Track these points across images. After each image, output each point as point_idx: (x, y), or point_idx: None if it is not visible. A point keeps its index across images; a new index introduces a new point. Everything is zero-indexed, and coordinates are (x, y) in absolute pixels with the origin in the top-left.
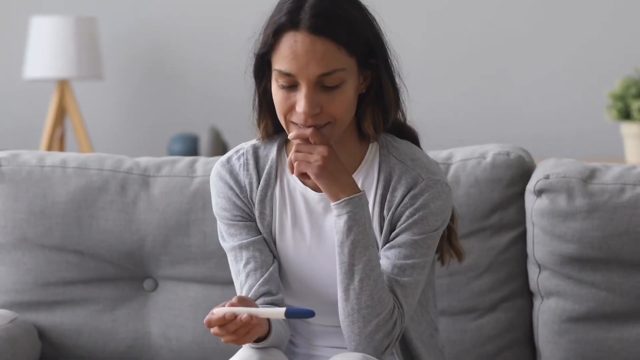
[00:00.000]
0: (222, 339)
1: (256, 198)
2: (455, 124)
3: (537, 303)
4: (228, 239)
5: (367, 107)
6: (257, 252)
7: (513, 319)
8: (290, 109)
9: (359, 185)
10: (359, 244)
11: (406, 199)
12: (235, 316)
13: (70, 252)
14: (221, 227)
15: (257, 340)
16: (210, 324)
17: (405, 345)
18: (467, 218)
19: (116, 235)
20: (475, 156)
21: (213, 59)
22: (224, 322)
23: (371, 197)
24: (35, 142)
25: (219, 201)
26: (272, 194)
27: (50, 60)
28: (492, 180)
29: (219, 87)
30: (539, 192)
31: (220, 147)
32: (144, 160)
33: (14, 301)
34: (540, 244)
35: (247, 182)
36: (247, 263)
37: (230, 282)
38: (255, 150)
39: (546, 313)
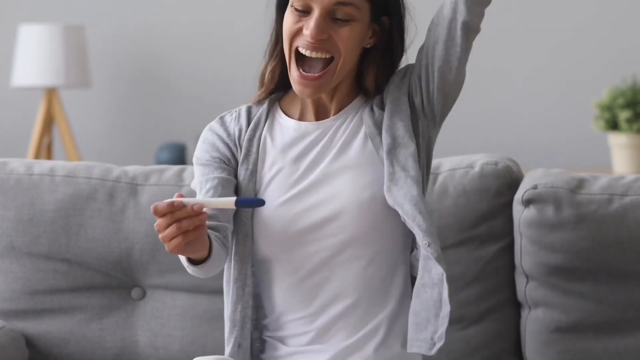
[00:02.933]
0: (166, 236)
1: (244, 138)
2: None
3: (524, 313)
4: (198, 176)
5: (371, 63)
6: (219, 186)
7: (500, 329)
8: (298, 32)
9: (344, 127)
10: None
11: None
12: (183, 205)
13: (58, 261)
14: (195, 171)
15: (197, 263)
16: (157, 210)
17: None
18: (455, 228)
19: (104, 244)
20: (463, 166)
21: (201, 68)
22: (172, 209)
23: (366, 125)
24: (23, 150)
25: (201, 146)
26: (261, 134)
27: (38, 68)
28: (480, 190)
29: (207, 96)
30: (527, 202)
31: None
32: (132, 169)
33: (2, 309)
34: (527, 254)
35: (236, 130)
36: (207, 191)
37: (218, 292)
38: (249, 108)
39: (533, 323)
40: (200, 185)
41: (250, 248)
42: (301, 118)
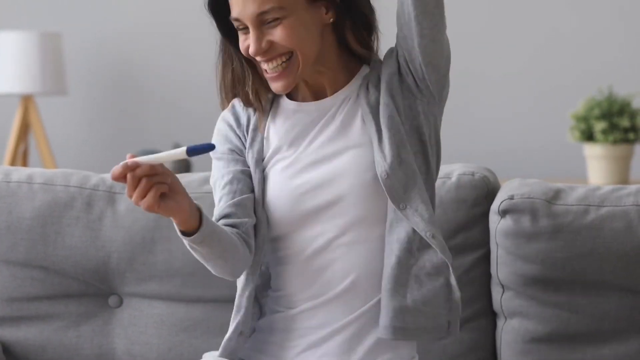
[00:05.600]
0: (137, 197)
1: (250, 127)
2: None
3: (500, 323)
4: (214, 172)
5: (346, 31)
6: (235, 180)
7: (476, 339)
8: (248, 49)
9: (343, 106)
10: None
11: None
12: (137, 165)
13: (36, 268)
14: (213, 166)
15: (189, 235)
16: (114, 174)
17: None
18: None
19: (82, 252)
20: (440, 176)
21: (177, 76)
22: (127, 170)
23: (366, 96)
24: None
25: (215, 138)
26: (266, 122)
27: (14, 75)
28: (456, 201)
29: (184, 104)
30: (503, 213)
31: (183, 163)
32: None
33: None
34: (504, 265)
35: (246, 118)
36: (223, 187)
37: (195, 300)
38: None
39: (509, 333)
40: (216, 182)
41: (264, 232)
42: (303, 100)
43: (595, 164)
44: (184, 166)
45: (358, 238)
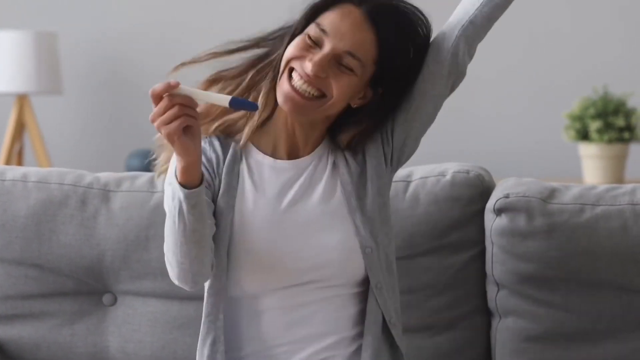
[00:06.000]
0: (164, 119)
1: (223, 170)
2: None
3: (494, 322)
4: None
5: (352, 124)
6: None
7: (471, 337)
8: (301, 58)
9: (312, 168)
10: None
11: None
12: (179, 84)
13: (30, 266)
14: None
15: (190, 187)
16: (154, 92)
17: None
18: (426, 236)
19: (76, 250)
20: (434, 174)
21: (172, 76)
22: (169, 89)
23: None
24: None
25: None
26: (239, 168)
27: (9, 74)
28: (451, 199)
29: None
30: (499, 211)
31: None
32: (105, 176)
33: None
34: (498, 263)
35: (213, 156)
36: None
37: (188, 298)
38: (218, 136)
39: (504, 332)
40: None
41: (224, 283)
42: (273, 154)
43: (591, 163)
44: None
45: (337, 295)
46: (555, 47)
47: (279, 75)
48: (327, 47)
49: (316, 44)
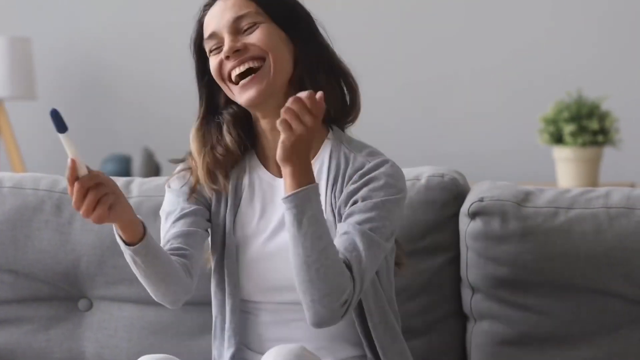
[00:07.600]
0: (88, 208)
1: (230, 184)
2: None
3: (470, 326)
4: (166, 205)
5: (313, 88)
6: (191, 214)
7: (446, 341)
8: (220, 62)
9: (315, 173)
10: (312, 235)
11: (356, 177)
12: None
13: (5, 272)
14: (166, 197)
15: (137, 241)
16: (67, 179)
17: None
18: (401, 239)
19: (51, 255)
20: (409, 178)
21: (147, 80)
22: (73, 172)
23: (323, 183)
24: None
25: (178, 174)
26: (241, 185)
27: None
28: (426, 202)
29: (153, 109)
30: (473, 215)
31: (153, 168)
32: None
33: None
34: (473, 267)
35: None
36: (176, 220)
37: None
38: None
39: (479, 336)
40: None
41: (224, 287)
42: (274, 170)
43: (565, 166)
44: (154, 171)
45: None
46: (530, 51)
47: (226, 89)
48: (223, 33)
49: (219, 46)
